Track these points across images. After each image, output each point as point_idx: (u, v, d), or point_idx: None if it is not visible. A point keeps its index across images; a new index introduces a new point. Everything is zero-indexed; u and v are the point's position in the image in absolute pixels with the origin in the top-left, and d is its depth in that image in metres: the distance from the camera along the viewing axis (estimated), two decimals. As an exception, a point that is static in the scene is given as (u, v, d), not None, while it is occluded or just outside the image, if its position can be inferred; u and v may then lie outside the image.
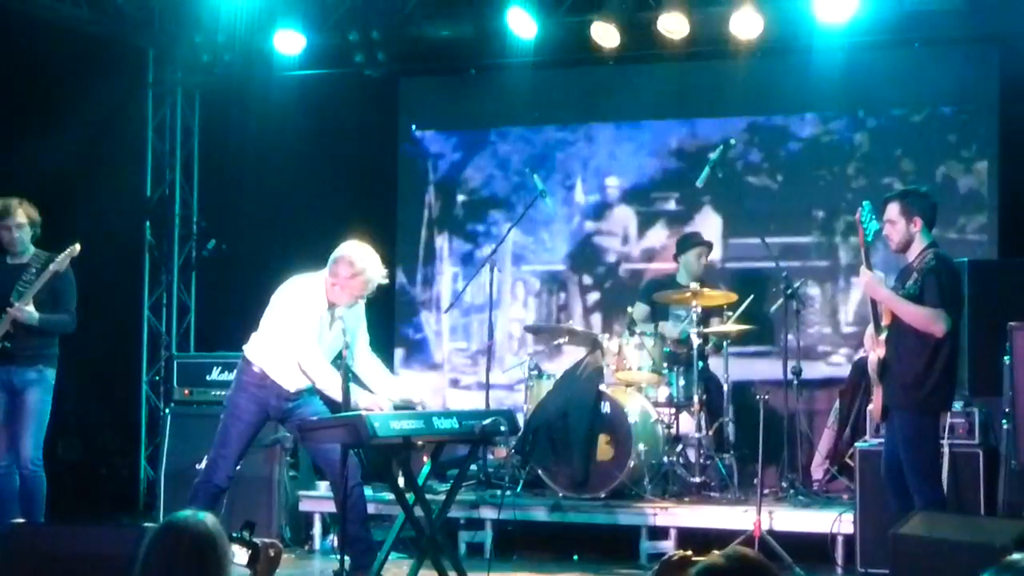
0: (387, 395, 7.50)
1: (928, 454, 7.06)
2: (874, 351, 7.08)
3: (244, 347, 7.54)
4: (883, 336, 6.99)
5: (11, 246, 8.27)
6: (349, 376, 7.31)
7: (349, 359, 7.38)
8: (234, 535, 3.87)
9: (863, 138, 10.68)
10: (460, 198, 11.79)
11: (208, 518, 3.71)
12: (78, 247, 8.14)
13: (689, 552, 3.56)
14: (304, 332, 7.30)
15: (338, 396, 7.20)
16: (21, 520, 7.81)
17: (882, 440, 7.46)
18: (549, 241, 11.49)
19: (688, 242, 10.10)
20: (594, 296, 11.38)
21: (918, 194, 7.19)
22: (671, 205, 11.18)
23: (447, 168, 11.85)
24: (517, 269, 11.53)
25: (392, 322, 11.60)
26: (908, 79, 10.39)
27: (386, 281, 7.50)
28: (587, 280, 11.43)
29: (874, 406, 7.19)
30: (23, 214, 8.25)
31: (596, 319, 11.27)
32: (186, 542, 3.62)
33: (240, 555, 4.09)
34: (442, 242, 11.82)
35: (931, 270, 6.85)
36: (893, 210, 7.02)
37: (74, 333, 8.38)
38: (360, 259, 7.31)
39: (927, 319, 6.84)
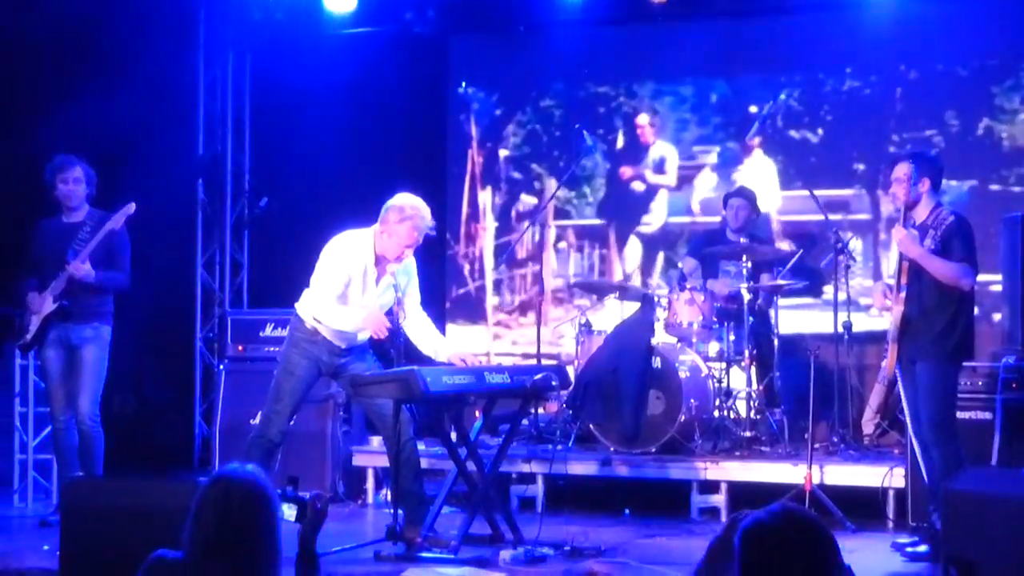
0: (438, 355, 7.58)
1: (951, 406, 7.20)
2: (893, 307, 7.17)
3: (296, 303, 7.61)
4: (903, 294, 7.13)
5: (67, 200, 8.35)
6: (400, 333, 7.39)
7: (401, 317, 7.46)
8: (278, 493, 3.91)
9: (905, 92, 10.59)
10: (503, 154, 11.81)
11: (256, 470, 3.77)
12: (133, 206, 8.22)
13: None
14: (326, 286, 7.36)
15: (359, 321, 7.25)
16: (80, 474, 7.94)
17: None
18: (591, 195, 11.48)
19: (728, 195, 10.11)
20: (637, 250, 11.37)
21: (927, 157, 7.41)
22: (714, 160, 11.15)
23: (490, 124, 11.86)
24: (559, 223, 11.53)
25: (443, 279, 11.66)
26: (956, 32, 10.28)
27: (433, 232, 7.52)
28: (629, 234, 11.42)
29: (888, 361, 7.26)
30: (80, 170, 8.35)
31: (641, 273, 11.24)
32: (236, 494, 3.68)
33: (288, 512, 4.13)
34: (485, 198, 11.86)
35: (953, 229, 7.07)
36: (902, 169, 7.23)
37: (129, 291, 8.47)
38: (409, 206, 7.38)
39: (957, 275, 7.06)
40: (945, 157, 8.30)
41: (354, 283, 7.39)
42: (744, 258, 9.29)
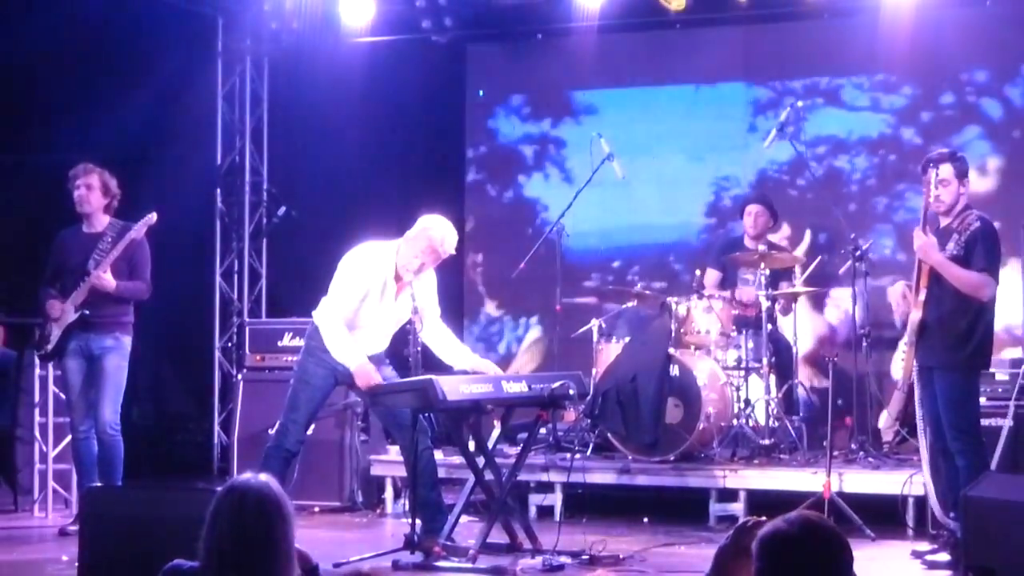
0: (456, 364, 7.56)
1: (973, 414, 7.09)
2: (911, 312, 7.07)
3: (313, 312, 7.60)
4: (921, 298, 6.99)
5: (79, 205, 8.33)
6: (418, 345, 7.38)
7: (419, 327, 7.45)
8: None
9: (925, 99, 10.55)
10: (519, 165, 11.79)
11: (268, 479, 3.77)
12: (155, 216, 8.24)
13: (763, 517, 3.55)
14: (342, 298, 7.33)
15: (350, 364, 7.22)
16: (99, 484, 7.96)
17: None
18: (607, 205, 11.40)
19: (746, 201, 10.10)
20: (655, 260, 11.33)
21: (962, 157, 7.18)
22: (731, 168, 11.12)
23: (508, 135, 11.85)
24: (575, 234, 11.43)
25: (462, 292, 11.64)
26: (978, 39, 10.25)
27: (453, 250, 7.48)
28: (648, 243, 11.38)
29: (905, 364, 7.20)
30: (97, 178, 8.33)
31: (659, 283, 11.16)
32: (249, 503, 3.68)
33: None
34: (502, 208, 11.84)
35: (978, 235, 6.89)
36: (948, 171, 7.00)
37: (148, 301, 8.48)
38: (433, 221, 7.38)
39: (977, 285, 6.89)
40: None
41: (371, 296, 7.36)
42: (762, 265, 9.27)
